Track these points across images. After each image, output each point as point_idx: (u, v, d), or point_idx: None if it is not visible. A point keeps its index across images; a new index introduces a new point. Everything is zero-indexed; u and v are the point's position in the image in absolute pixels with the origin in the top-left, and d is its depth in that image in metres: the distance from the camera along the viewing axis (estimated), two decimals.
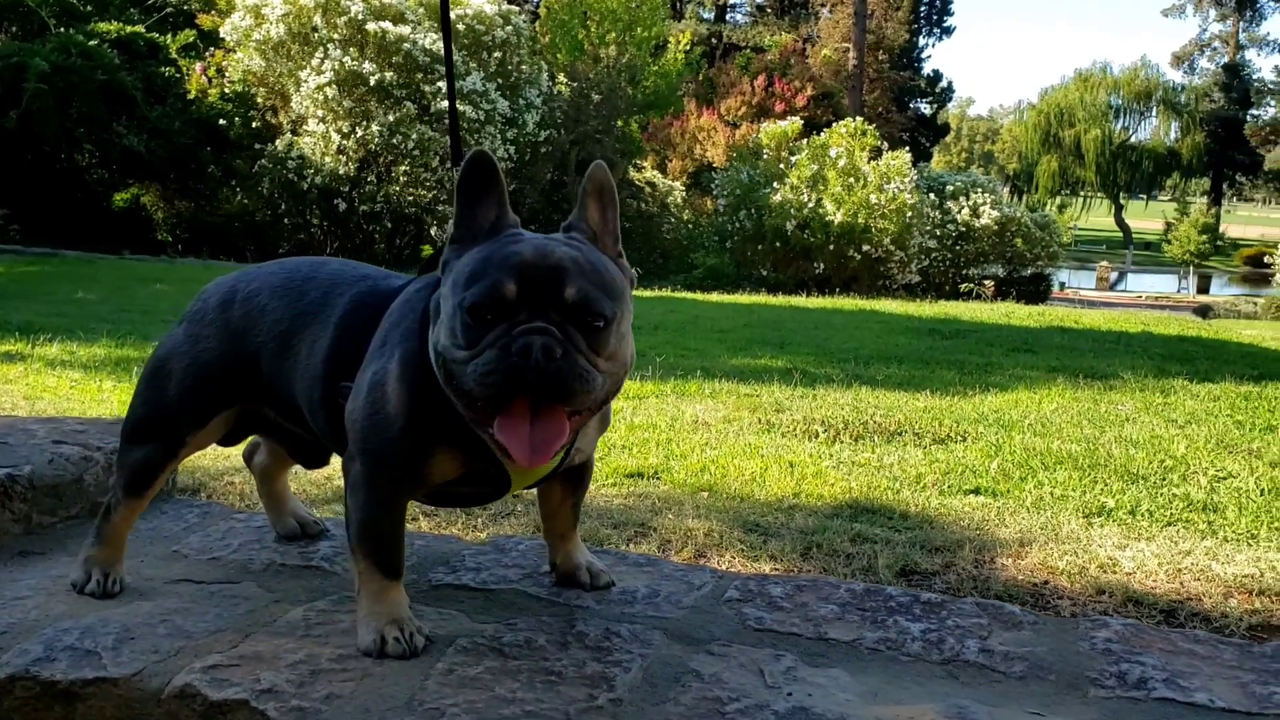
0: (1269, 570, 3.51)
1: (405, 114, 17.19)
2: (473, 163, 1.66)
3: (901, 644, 1.89)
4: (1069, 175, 54.48)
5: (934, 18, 51.20)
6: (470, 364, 1.56)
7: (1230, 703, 1.70)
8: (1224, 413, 6.78)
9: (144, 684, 1.69)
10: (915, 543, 3.72)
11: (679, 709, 1.64)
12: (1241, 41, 58.68)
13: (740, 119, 26.68)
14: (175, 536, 2.30)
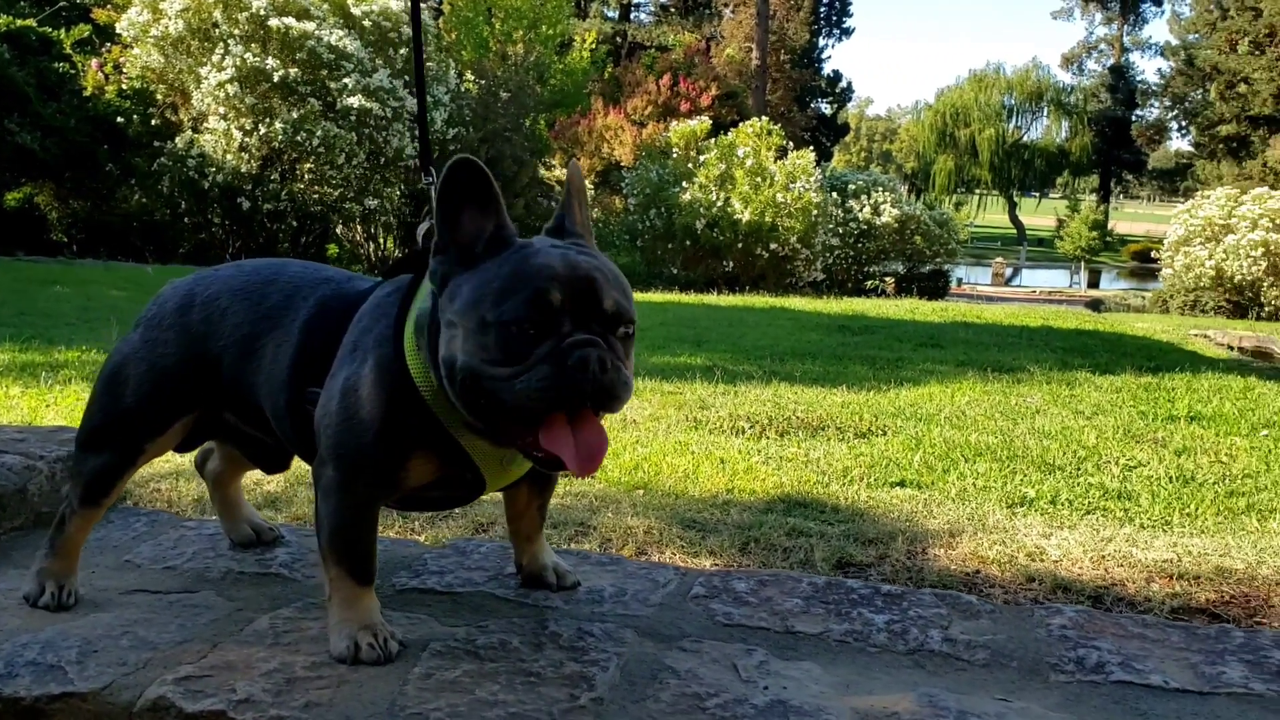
0: (1185, 555, 3.65)
1: (310, 111, 16.89)
2: (458, 170, 1.63)
3: (867, 635, 1.94)
4: (965, 174, 55.78)
5: (833, 18, 51.97)
6: (520, 379, 1.54)
7: (1183, 683, 1.78)
8: (1127, 404, 7.03)
9: (114, 698, 1.65)
10: (849, 535, 3.79)
11: (660, 706, 1.66)
12: (1126, 45, 60.72)
13: (646, 118, 26.76)
14: (125, 546, 2.24)
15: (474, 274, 1.62)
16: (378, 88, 17.18)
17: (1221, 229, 22.60)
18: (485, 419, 1.62)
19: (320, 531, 1.76)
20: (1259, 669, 1.83)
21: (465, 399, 1.61)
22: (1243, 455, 5.47)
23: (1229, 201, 23.18)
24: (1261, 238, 21.56)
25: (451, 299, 1.63)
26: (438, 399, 1.69)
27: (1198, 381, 8.25)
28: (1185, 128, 49.63)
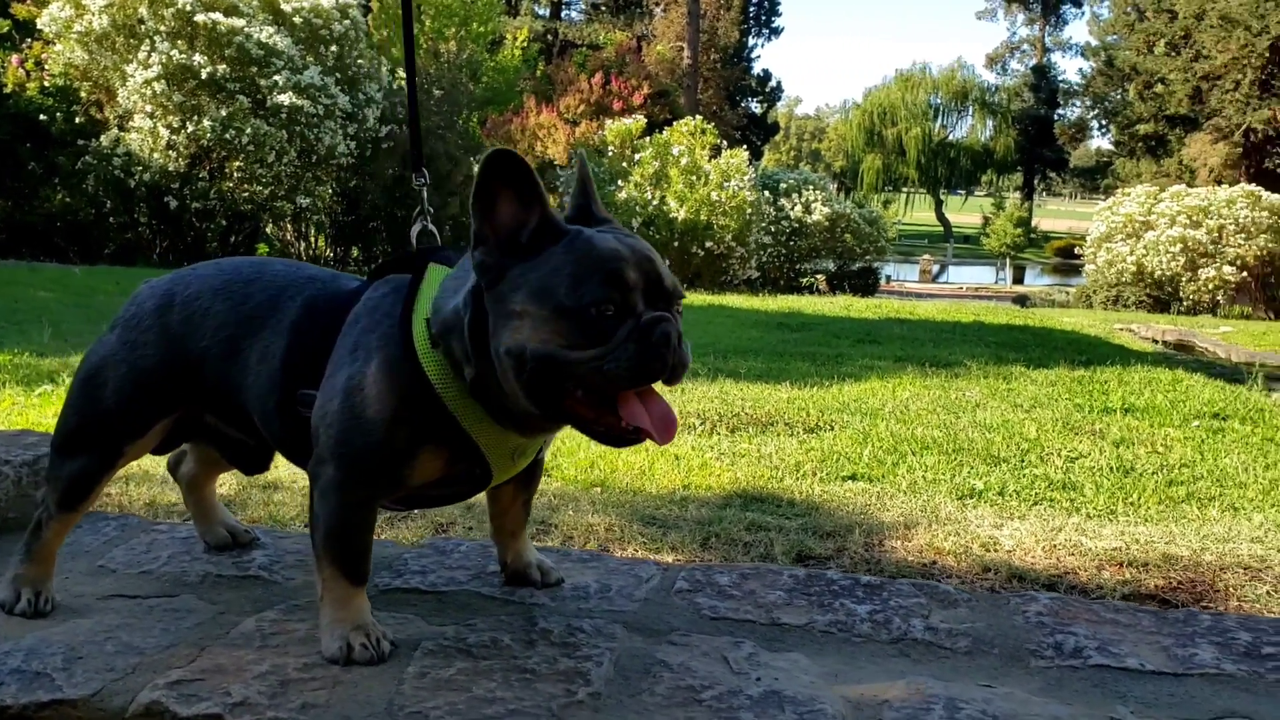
0: (1133, 543, 3.76)
1: (239, 108, 16.60)
2: (496, 162, 1.63)
3: (851, 625, 1.97)
4: (892, 172, 56.53)
5: (763, 18, 52.31)
6: (608, 359, 1.56)
7: (1158, 665, 1.84)
8: (1063, 396, 7.19)
9: (105, 704, 1.63)
10: (806, 529, 3.84)
11: (656, 699, 1.67)
12: (1048, 45, 61.99)
13: (579, 116, 26.72)
14: (98, 551, 2.21)
15: (535, 263, 1.62)
16: (309, 85, 16.95)
17: (1142, 225, 23.18)
18: (553, 405, 1.63)
19: (315, 531, 1.75)
20: (1228, 650, 1.89)
21: (533, 386, 1.61)
22: (1178, 445, 5.63)
23: (1148, 199, 23.79)
24: (1179, 234, 22.16)
25: (513, 289, 1.62)
26: (457, 394, 1.69)
27: (1128, 374, 8.46)
28: (1105, 127, 50.78)
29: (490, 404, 1.70)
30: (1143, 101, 40.40)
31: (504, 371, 1.63)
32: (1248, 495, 4.56)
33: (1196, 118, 38.86)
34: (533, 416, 1.70)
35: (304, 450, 1.81)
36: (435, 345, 1.70)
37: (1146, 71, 40.05)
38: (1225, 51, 36.18)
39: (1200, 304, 21.85)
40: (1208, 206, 22.51)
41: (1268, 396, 7.78)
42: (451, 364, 1.69)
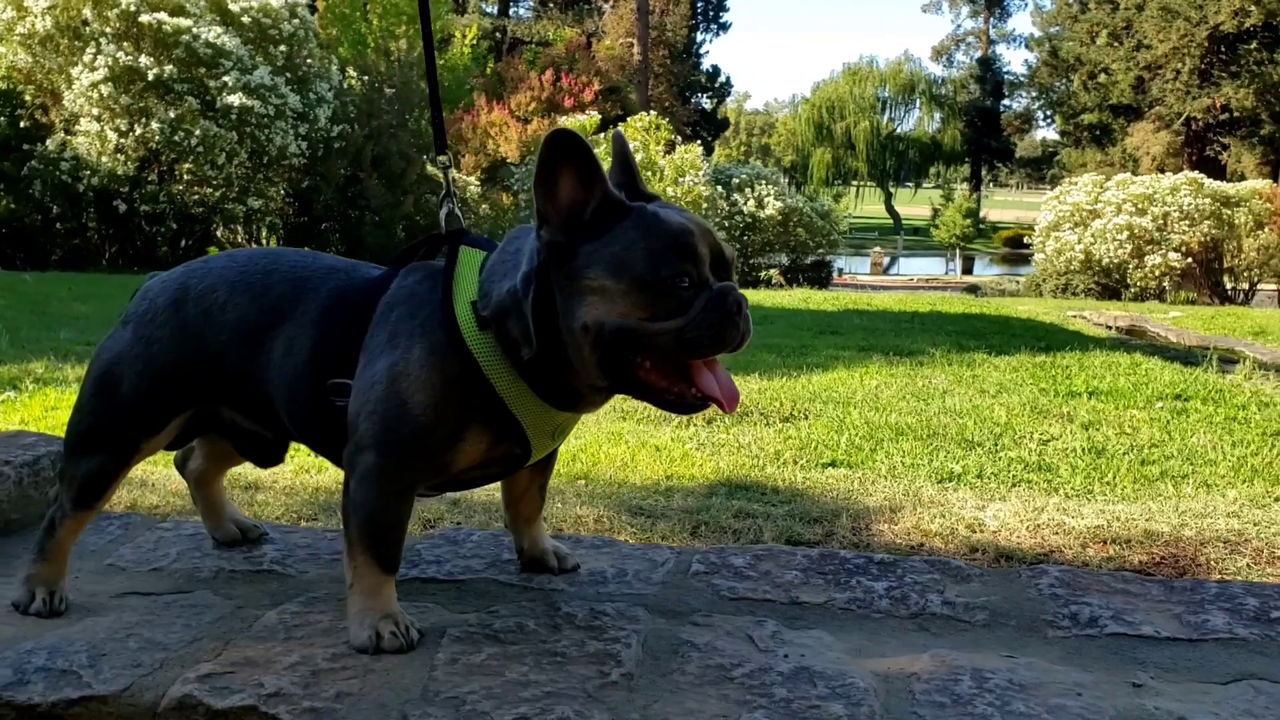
0: (1114, 521, 3.82)
1: (188, 110, 16.39)
2: (557, 142, 1.63)
3: (870, 602, 1.99)
4: (842, 166, 56.86)
5: (710, 14, 52.46)
6: (688, 328, 1.61)
7: (1173, 632, 1.87)
8: (1027, 382, 7.28)
9: (136, 699, 1.61)
10: (793, 515, 3.87)
11: (688, 678, 1.68)
12: (992, 37, 62.72)
13: (531, 114, 26.65)
14: (104, 550, 2.18)
15: (607, 240, 1.64)
16: (258, 85, 16.77)
17: (1089, 214, 23.50)
18: (624, 376, 1.66)
19: (351, 518, 1.74)
20: (1238, 615, 1.94)
21: (607, 359, 1.64)
22: (1145, 427, 5.73)
23: (1095, 187, 24.13)
24: (1126, 221, 22.49)
25: (586, 266, 1.63)
26: (506, 375, 1.71)
27: (1088, 359, 8.59)
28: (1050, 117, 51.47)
29: (541, 383, 1.71)
30: (1087, 91, 40.99)
31: (577, 346, 1.65)
32: (1219, 472, 4.65)
33: (1139, 107, 39.51)
34: (594, 390, 1.73)
35: (333, 441, 1.80)
36: (484, 328, 1.70)
37: (1090, 62, 40.65)
38: (1166, 41, 36.81)
39: (1147, 290, 22.19)
40: (1152, 194, 22.86)
41: (1224, 378, 7.94)
42: (502, 346, 1.70)
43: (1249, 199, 23.00)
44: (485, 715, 1.55)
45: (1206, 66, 37.01)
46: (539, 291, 1.66)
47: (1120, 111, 40.73)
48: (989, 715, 1.58)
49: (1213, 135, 38.79)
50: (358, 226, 18.59)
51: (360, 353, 1.76)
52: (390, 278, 1.83)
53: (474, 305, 1.72)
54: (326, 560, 2.16)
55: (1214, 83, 36.96)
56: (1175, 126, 38.11)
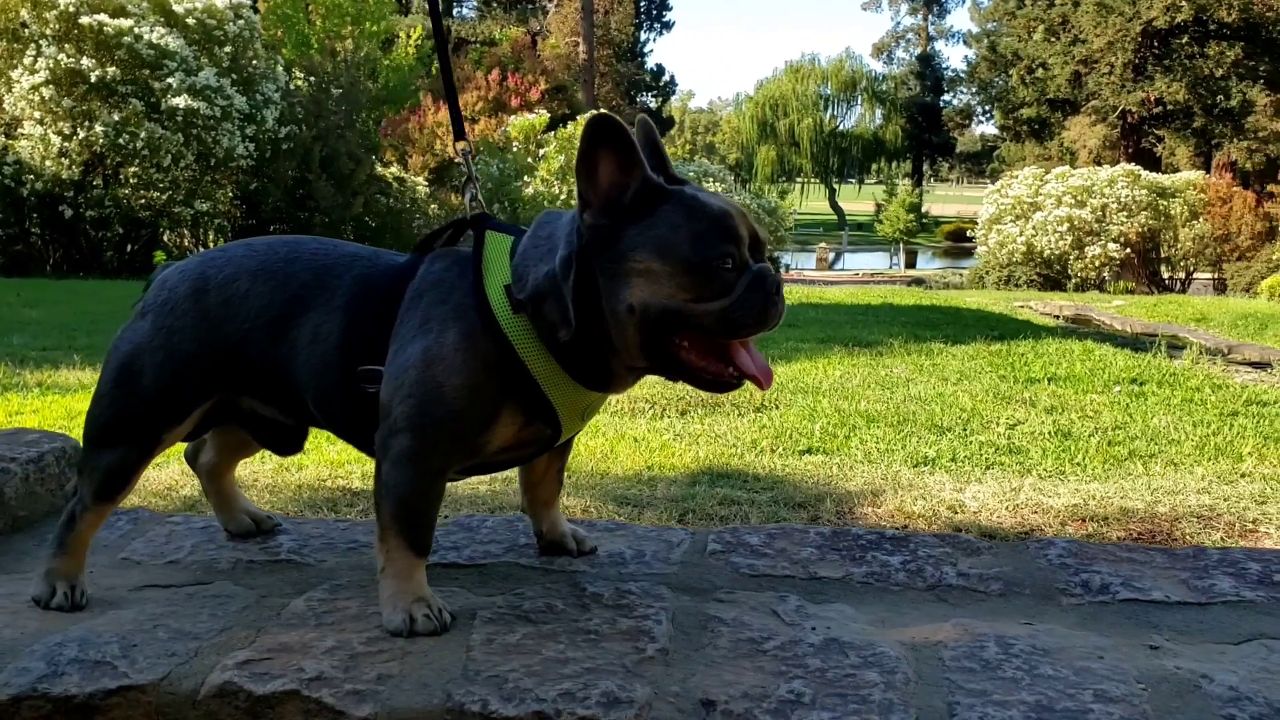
0: (1089, 499, 3.91)
1: (132, 112, 16.12)
2: (597, 127, 1.65)
3: (887, 575, 2.03)
4: (787, 163, 57.23)
5: (654, 12, 52.57)
6: (732, 308, 1.65)
7: (1182, 597, 1.93)
8: (986, 370, 7.40)
9: (175, 688, 1.61)
10: (778, 501, 3.92)
11: (721, 652, 1.71)
12: (931, 34, 63.46)
13: (478, 113, 26.52)
14: (116, 545, 2.16)
15: (650, 222, 1.66)
16: (204, 86, 16.54)
17: (1030, 207, 23.90)
18: (665, 356, 1.69)
19: (384, 502, 1.74)
20: (1243, 579, 2.00)
21: (651, 340, 1.67)
22: (1105, 410, 5.85)
23: (1035, 180, 24.53)
24: (1066, 214, 22.91)
25: (632, 248, 1.66)
26: (540, 358, 1.73)
27: (1042, 347, 8.74)
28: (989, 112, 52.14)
29: (575, 364, 1.74)
30: (1025, 86, 41.59)
31: (621, 327, 1.68)
32: (1184, 451, 4.77)
33: (1076, 101, 40.17)
34: (631, 371, 1.76)
35: (360, 427, 1.81)
36: (518, 310, 1.72)
37: (1028, 57, 41.24)
38: (1101, 36, 37.46)
39: (1088, 280, 22.61)
40: (1091, 186, 23.30)
41: (1174, 363, 8.13)
42: (536, 328, 1.72)
43: (1184, 190, 23.54)
44: (529, 692, 1.57)
45: (1140, 61, 37.71)
46: (579, 273, 1.68)
47: (1058, 105, 41.38)
48: (1019, 679, 1.62)
49: (1147, 128, 39.53)
50: (307, 228, 18.39)
51: (390, 339, 1.77)
52: (416, 264, 1.84)
53: (507, 289, 1.74)
54: (343, 549, 2.16)
55: (1148, 77, 37.68)
56: (1111, 120, 38.80)
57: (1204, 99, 37.24)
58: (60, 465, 2.39)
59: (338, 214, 18.67)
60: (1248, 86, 36.38)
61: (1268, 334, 11.54)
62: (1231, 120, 36.95)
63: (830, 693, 1.58)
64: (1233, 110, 36.80)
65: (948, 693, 1.58)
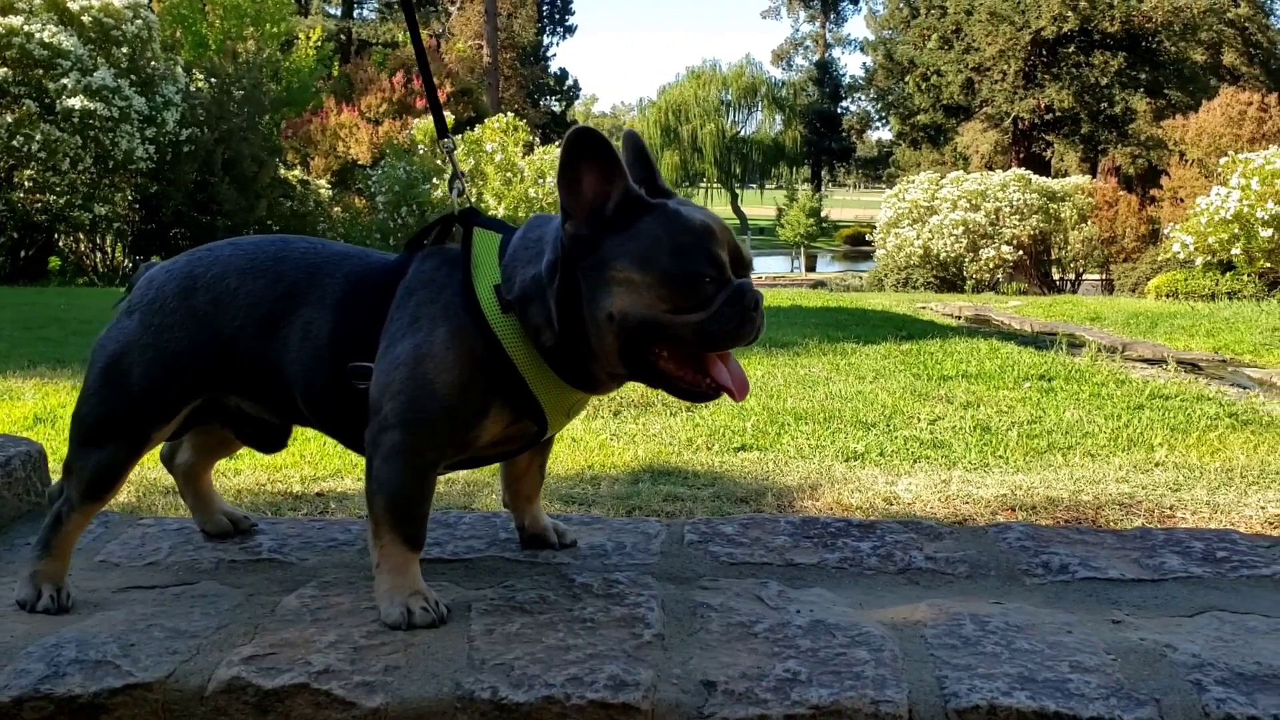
0: (1017, 490, 4.07)
1: (26, 113, 15.65)
2: (579, 139, 1.69)
3: (860, 561, 2.12)
4: (689, 168, 57.55)
5: (556, 16, 52.62)
6: (709, 321, 1.68)
7: (1136, 574, 2.05)
8: (899, 368, 7.61)
9: (181, 684, 1.61)
10: (720, 496, 4.00)
11: (713, 636, 1.77)
12: (829, 41, 64.53)
13: (382, 115, 26.29)
14: (91, 548, 2.14)
15: (632, 234, 1.70)
16: (100, 87, 16.13)
17: (926, 210, 24.47)
18: (642, 364, 1.73)
19: (376, 497, 1.77)
20: (1188, 557, 2.13)
21: (628, 347, 1.70)
22: (1019, 405, 6.07)
23: (931, 185, 25.14)
24: (961, 217, 23.51)
25: (613, 258, 1.69)
26: (527, 357, 1.76)
27: (950, 346, 9.00)
28: (886, 118, 53.25)
29: (561, 365, 1.77)
30: (920, 93, 42.60)
31: (601, 334, 1.71)
32: (1099, 442, 4.98)
33: (970, 107, 41.27)
34: (612, 375, 1.79)
35: (348, 424, 1.83)
36: (507, 311, 1.75)
37: (923, 64, 42.25)
38: (993, 44, 38.57)
39: (982, 282, 23.22)
40: (984, 191, 23.97)
41: (1075, 359, 8.44)
42: (525, 328, 1.75)
43: (1073, 194, 24.36)
44: (537, 678, 1.61)
45: (1030, 69, 38.93)
46: (564, 280, 1.73)
47: (952, 112, 42.46)
48: (999, 653, 1.71)
49: (1038, 134, 40.80)
50: (209, 232, 18.03)
51: (380, 336, 1.80)
52: (406, 262, 1.87)
53: (496, 289, 1.77)
54: (323, 548, 2.17)
55: (1038, 84, 38.91)
56: (1004, 125, 39.96)
57: (1090, 106, 38.61)
58: (27, 469, 2.35)
59: (241, 217, 18.34)
60: (1130, 94, 37.81)
61: (1158, 332, 12.02)
62: (1116, 126, 38.36)
63: (825, 671, 1.65)
64: (1116, 117, 38.21)
65: (935, 667, 1.66)
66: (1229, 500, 3.91)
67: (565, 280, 1.73)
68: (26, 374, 6.76)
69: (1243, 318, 12.42)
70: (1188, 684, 1.60)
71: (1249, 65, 38.52)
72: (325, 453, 4.56)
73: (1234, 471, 4.36)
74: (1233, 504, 3.86)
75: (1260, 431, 5.24)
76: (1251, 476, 4.28)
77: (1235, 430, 5.27)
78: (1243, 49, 38.60)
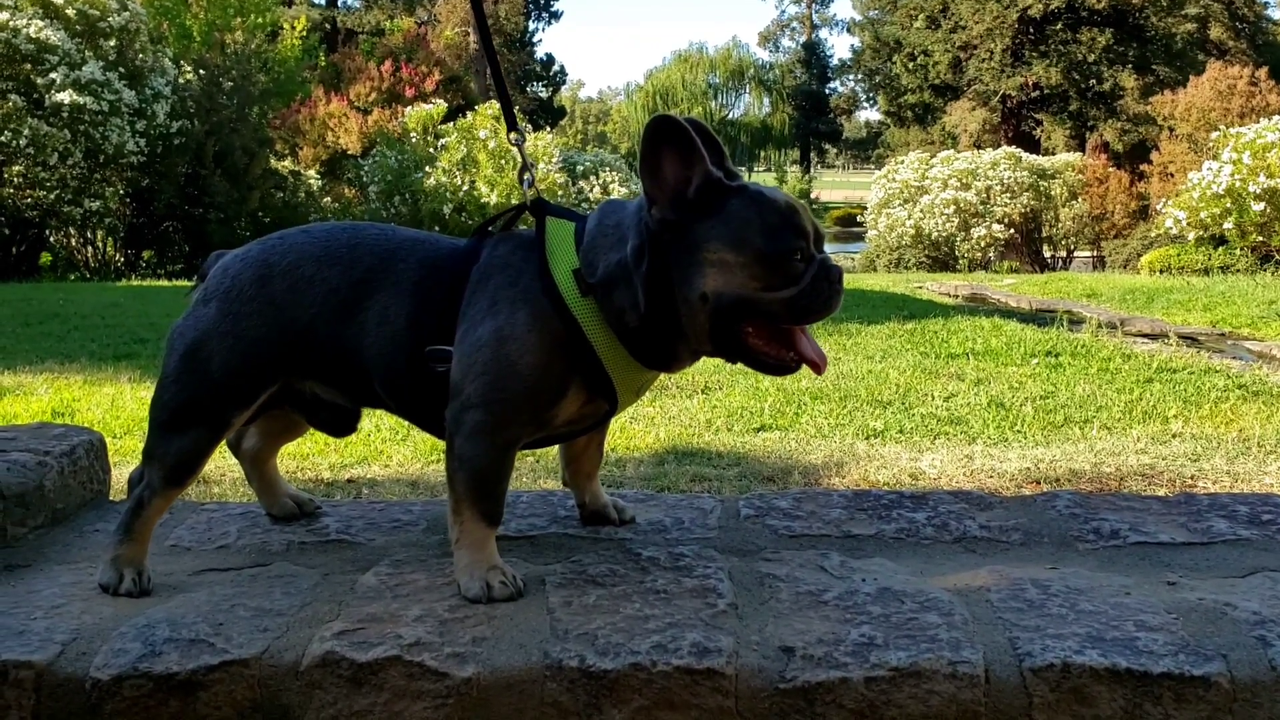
0: (1039, 463, 4.12)
1: (14, 108, 15.58)
2: (659, 126, 1.73)
3: (916, 531, 2.17)
4: None
5: (542, 2, 52.41)
6: (799, 297, 1.76)
7: (1186, 538, 2.11)
8: (905, 347, 7.67)
9: (276, 660, 1.65)
10: (746, 475, 4.05)
11: (784, 605, 1.82)
12: (815, 22, 64.46)
13: (371, 104, 26.20)
14: (160, 534, 2.16)
15: (722, 216, 1.76)
16: (89, 81, 16.06)
17: (917, 190, 24.51)
18: (731, 341, 1.79)
19: (458, 475, 1.81)
20: (1235, 520, 2.18)
21: (720, 326, 1.77)
22: (1029, 381, 6.13)
23: (922, 165, 25.18)
24: (952, 196, 23.56)
25: (705, 240, 1.75)
26: (605, 338, 1.82)
27: (953, 324, 9.07)
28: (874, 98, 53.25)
29: (641, 345, 1.82)
30: (908, 73, 42.58)
31: (693, 314, 1.77)
32: (1114, 415, 5.04)
33: (958, 86, 41.29)
34: (693, 354, 1.86)
35: (426, 405, 1.87)
36: (586, 294, 1.80)
37: (910, 44, 42.23)
38: (980, 23, 38.58)
39: (974, 261, 23.29)
40: (975, 169, 24.02)
41: (1079, 335, 8.51)
42: (604, 311, 1.80)
43: (1063, 171, 24.44)
44: (621, 646, 1.65)
45: (1018, 46, 38.94)
46: (651, 263, 1.77)
47: (940, 91, 42.47)
48: (1065, 615, 1.76)
49: (1026, 111, 40.84)
50: (201, 224, 18.02)
51: (457, 319, 1.84)
52: (478, 247, 1.91)
53: (576, 273, 1.82)
54: (388, 529, 2.21)
55: (1025, 62, 38.92)
56: (992, 104, 39.99)
57: (1078, 83, 38.64)
58: (90, 458, 2.38)
59: (233, 209, 18.32)
60: (1118, 71, 37.85)
61: (1155, 307, 12.11)
62: (1104, 103, 38.41)
63: (899, 635, 1.70)
64: (1105, 94, 38.25)
65: (1005, 629, 1.71)
66: (1249, 469, 3.97)
67: (654, 263, 1.77)
68: (36, 369, 6.78)
69: (1238, 291, 12.51)
70: (1253, 639, 1.66)
71: (1235, 39, 38.61)
72: (351, 440, 4.60)
73: (1250, 441, 4.43)
74: (1253, 472, 3.92)
75: (1271, 402, 5.31)
76: (1269, 446, 4.34)
77: (1246, 401, 5.34)
78: (1229, 23, 38.68)
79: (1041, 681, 1.60)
